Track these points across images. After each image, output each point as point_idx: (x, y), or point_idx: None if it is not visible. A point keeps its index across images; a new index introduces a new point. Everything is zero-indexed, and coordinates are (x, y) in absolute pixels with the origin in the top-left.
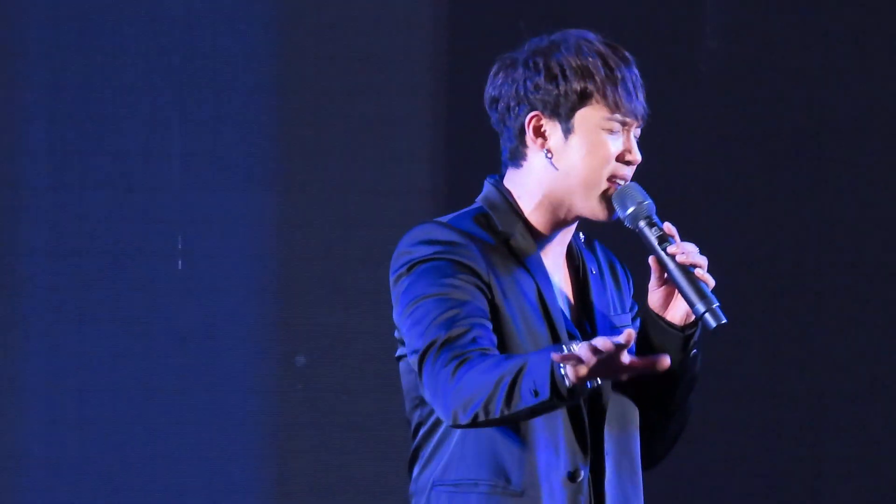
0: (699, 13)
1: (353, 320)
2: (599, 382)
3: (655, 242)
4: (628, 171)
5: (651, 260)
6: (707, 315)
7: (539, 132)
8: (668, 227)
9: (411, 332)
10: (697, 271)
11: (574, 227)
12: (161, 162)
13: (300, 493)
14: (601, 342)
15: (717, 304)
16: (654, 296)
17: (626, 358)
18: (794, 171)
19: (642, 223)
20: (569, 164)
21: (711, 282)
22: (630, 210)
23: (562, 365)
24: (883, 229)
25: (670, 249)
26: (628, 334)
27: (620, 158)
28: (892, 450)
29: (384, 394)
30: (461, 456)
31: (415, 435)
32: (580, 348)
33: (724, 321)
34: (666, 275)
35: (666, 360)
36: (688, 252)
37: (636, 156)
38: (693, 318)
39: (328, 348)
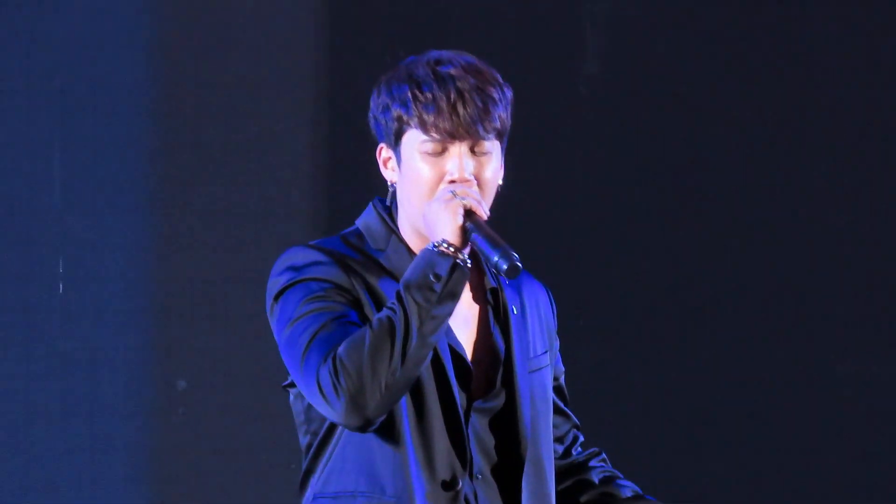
0: (579, 38)
1: (234, 344)
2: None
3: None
4: (466, 191)
5: None
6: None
7: (387, 164)
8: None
9: (289, 358)
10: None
11: None
12: (42, 185)
13: None
14: None
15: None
16: None
17: None
18: (673, 194)
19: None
20: (404, 192)
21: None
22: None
23: (434, 245)
24: (765, 247)
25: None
26: None
27: (443, 180)
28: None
29: (266, 419)
30: (340, 468)
31: (305, 456)
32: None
33: (516, 258)
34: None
35: None
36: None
37: (459, 175)
38: None
39: (209, 372)
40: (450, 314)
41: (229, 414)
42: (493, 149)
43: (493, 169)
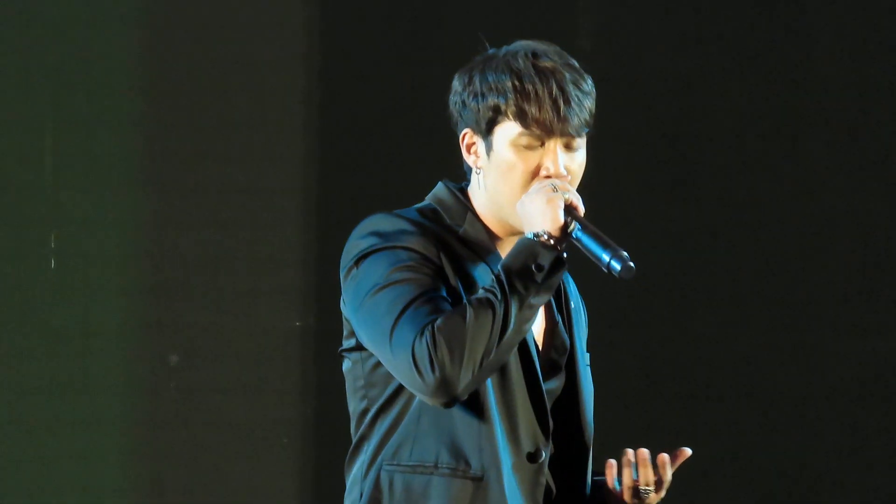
0: (571, 14)
1: (227, 319)
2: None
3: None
4: (567, 186)
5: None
6: (615, 263)
7: (470, 149)
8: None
9: (374, 326)
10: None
11: None
12: (35, 161)
13: (174, 492)
14: None
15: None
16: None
17: None
18: (665, 172)
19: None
20: (492, 181)
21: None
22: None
23: (535, 235)
24: (757, 231)
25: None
26: None
27: (537, 174)
28: (766, 451)
29: (257, 393)
30: (416, 437)
31: (359, 423)
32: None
33: (628, 257)
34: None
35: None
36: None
37: (555, 170)
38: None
39: (201, 347)
40: (541, 304)
41: (221, 388)
42: (583, 144)
43: (581, 163)
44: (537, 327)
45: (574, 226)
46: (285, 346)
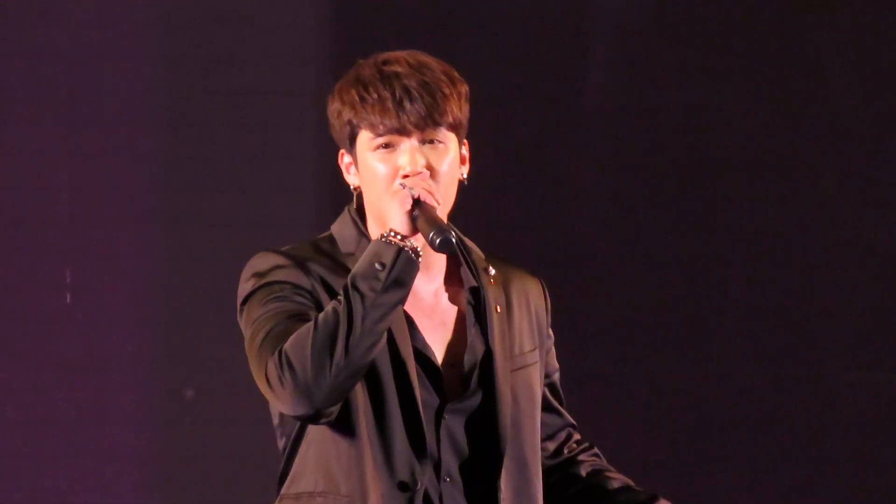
0: (583, 46)
1: (241, 353)
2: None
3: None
4: (416, 181)
5: None
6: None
7: (348, 169)
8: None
9: (249, 357)
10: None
11: (438, 253)
12: (50, 195)
13: None
14: None
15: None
16: None
17: None
18: (679, 203)
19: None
20: (366, 195)
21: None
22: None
23: (383, 236)
24: (771, 261)
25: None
26: None
27: (397, 175)
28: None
29: (273, 428)
30: (303, 470)
31: (281, 460)
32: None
33: (448, 232)
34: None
35: None
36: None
37: (411, 168)
38: None
39: (216, 381)
40: (399, 302)
41: (236, 422)
42: (447, 141)
43: (449, 161)
44: (440, 344)
45: (417, 216)
46: None
